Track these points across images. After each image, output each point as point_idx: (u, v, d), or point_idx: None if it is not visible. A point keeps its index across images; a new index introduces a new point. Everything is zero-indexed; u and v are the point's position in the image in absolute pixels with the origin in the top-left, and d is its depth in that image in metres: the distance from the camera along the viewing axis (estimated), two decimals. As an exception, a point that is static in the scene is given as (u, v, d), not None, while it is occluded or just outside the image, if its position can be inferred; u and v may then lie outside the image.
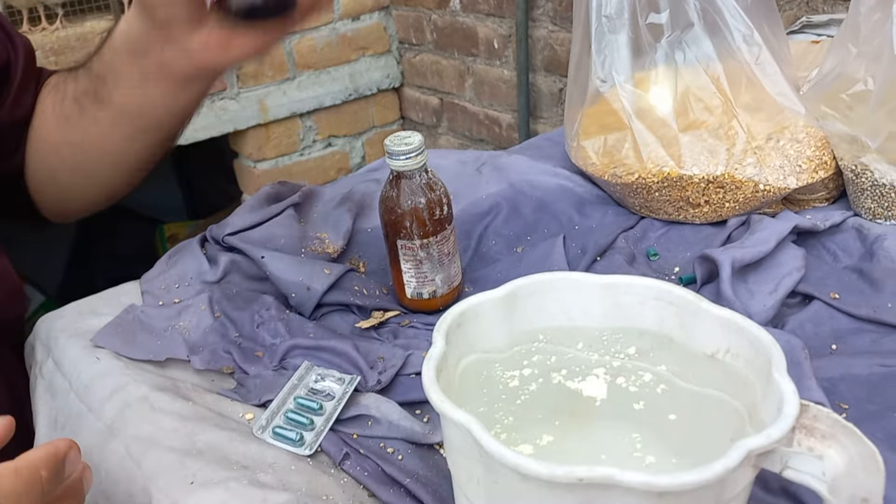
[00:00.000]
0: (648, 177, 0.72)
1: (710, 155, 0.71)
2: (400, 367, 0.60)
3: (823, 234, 0.69)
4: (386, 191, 0.65)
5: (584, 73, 0.80)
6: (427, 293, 0.67)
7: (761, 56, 0.73)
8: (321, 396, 0.57)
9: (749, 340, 0.42)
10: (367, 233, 0.77)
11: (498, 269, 0.70)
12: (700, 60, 0.74)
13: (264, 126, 2.14)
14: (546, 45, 1.95)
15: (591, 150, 0.78)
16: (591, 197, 0.80)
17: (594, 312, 0.48)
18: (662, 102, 0.74)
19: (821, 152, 0.71)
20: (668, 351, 0.46)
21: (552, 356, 0.47)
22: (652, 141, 0.73)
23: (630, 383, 0.46)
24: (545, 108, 2.02)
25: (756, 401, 0.41)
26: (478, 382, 0.45)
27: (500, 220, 0.77)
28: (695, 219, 0.73)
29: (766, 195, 0.70)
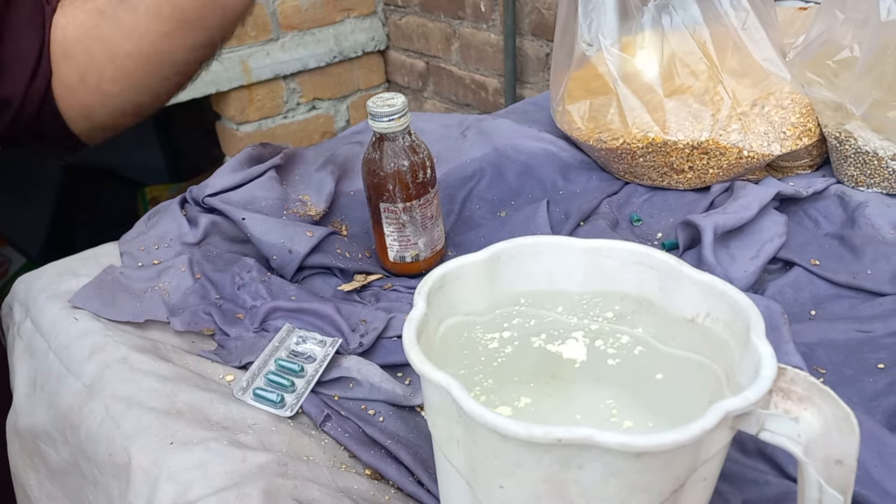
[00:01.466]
0: (633, 142, 0.72)
1: (695, 121, 0.71)
2: (382, 330, 0.60)
3: (806, 200, 0.69)
4: (368, 153, 0.64)
5: (570, 36, 0.80)
6: (410, 256, 0.67)
7: (748, 21, 0.73)
8: (302, 359, 0.57)
9: (728, 304, 0.42)
10: (349, 196, 0.76)
11: (481, 234, 0.70)
12: (687, 25, 0.73)
13: (247, 88, 2.11)
14: (533, 8, 1.93)
15: (576, 115, 0.78)
16: (575, 162, 0.79)
17: (575, 276, 0.48)
18: (648, 67, 0.74)
19: (805, 119, 0.70)
20: (648, 314, 0.46)
21: (532, 319, 0.47)
22: (637, 106, 0.73)
23: (608, 345, 0.46)
24: (532, 73, 2.00)
25: (734, 364, 0.41)
26: (458, 345, 0.45)
27: (484, 185, 0.76)
28: (678, 185, 0.73)
29: (750, 162, 0.70)
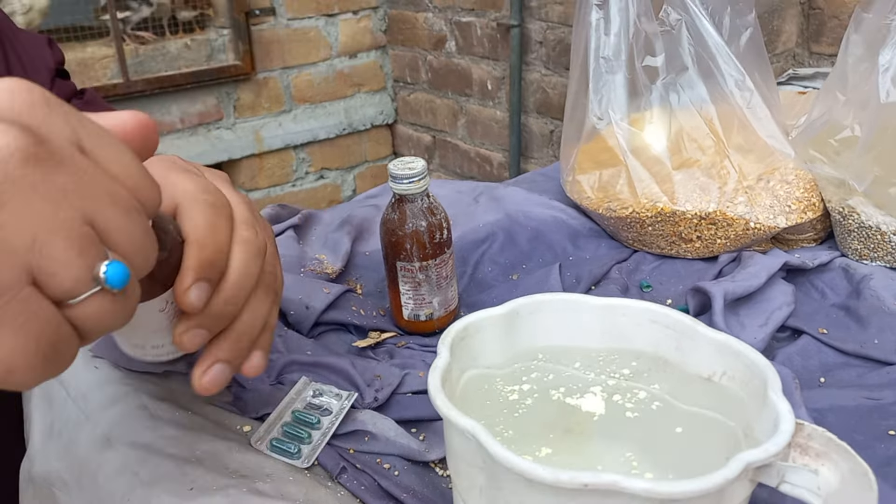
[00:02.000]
0: (642, 211, 0.74)
1: (703, 192, 0.73)
2: (396, 386, 0.60)
3: (812, 272, 0.71)
4: (388, 213, 0.66)
5: (580, 111, 0.83)
6: (424, 315, 0.68)
7: (752, 101, 0.76)
8: (318, 411, 0.57)
9: (744, 364, 0.43)
10: (364, 256, 0.78)
11: (494, 295, 0.71)
12: (694, 102, 0.76)
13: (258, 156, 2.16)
14: (538, 87, 1.99)
15: (586, 185, 0.80)
16: (584, 230, 0.82)
17: (592, 333, 0.49)
18: (657, 141, 0.77)
19: (809, 194, 0.73)
20: (664, 372, 0.47)
21: (550, 374, 0.48)
22: (646, 177, 0.75)
23: (626, 400, 0.47)
24: (536, 149, 2.05)
25: (751, 421, 0.42)
26: (479, 396, 0.46)
27: (496, 248, 0.78)
28: (687, 254, 0.75)
29: (756, 233, 0.72)
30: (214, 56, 2.16)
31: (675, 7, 0.75)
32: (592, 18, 0.78)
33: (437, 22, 2.22)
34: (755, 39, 0.78)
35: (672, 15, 0.75)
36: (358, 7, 2.34)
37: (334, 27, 2.32)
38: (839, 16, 1.32)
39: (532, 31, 1.96)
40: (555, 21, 1.89)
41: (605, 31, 0.78)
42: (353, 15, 2.34)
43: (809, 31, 1.36)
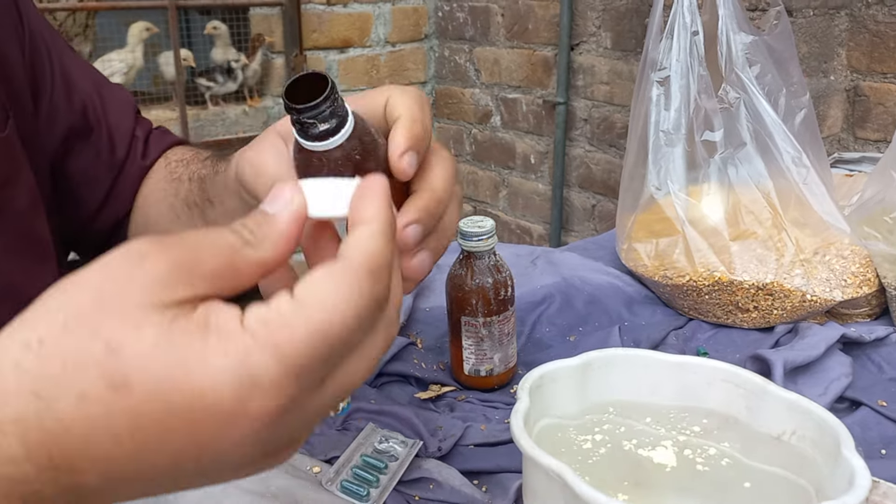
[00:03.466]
0: (699, 280, 0.76)
1: (760, 263, 0.75)
2: (459, 438, 0.62)
3: (868, 346, 0.72)
4: (455, 269, 0.69)
5: (638, 181, 0.86)
6: (484, 371, 0.70)
7: (808, 177, 0.78)
8: (385, 457, 0.59)
9: (816, 422, 0.45)
10: (425, 311, 0.80)
11: (552, 355, 0.73)
12: (751, 177, 0.79)
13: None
14: (582, 163, 2.03)
15: (642, 252, 0.82)
16: (639, 297, 0.83)
17: (663, 390, 0.50)
18: (714, 212, 0.79)
19: (865, 269, 0.74)
20: (734, 431, 0.49)
21: (622, 427, 0.50)
22: (704, 247, 0.77)
23: (696, 455, 0.48)
24: (577, 222, 2.08)
25: (822, 479, 0.43)
26: (552, 443, 0.48)
27: (554, 310, 0.80)
28: (743, 323, 0.76)
29: (812, 305, 0.73)
30: (270, 122, 2.25)
31: (734, 86, 0.79)
32: (653, 94, 0.82)
33: (484, 97, 2.29)
34: (809, 119, 0.81)
35: (731, 93, 0.79)
36: (407, 81, 2.43)
37: (384, 99, 2.39)
38: (884, 103, 1.35)
39: (577, 108, 2.01)
40: (600, 100, 1.95)
41: (665, 107, 0.81)
42: (403, 88, 2.42)
43: (855, 118, 1.39)
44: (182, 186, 0.65)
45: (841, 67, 1.38)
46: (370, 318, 0.31)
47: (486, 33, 2.22)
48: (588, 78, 1.96)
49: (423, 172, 0.43)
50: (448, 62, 2.40)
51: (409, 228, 0.40)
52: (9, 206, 0.57)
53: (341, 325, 0.30)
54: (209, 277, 0.30)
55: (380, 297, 0.31)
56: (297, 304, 0.29)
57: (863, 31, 1.35)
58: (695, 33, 0.79)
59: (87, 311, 0.29)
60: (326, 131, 0.38)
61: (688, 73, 0.80)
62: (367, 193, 0.33)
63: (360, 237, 0.32)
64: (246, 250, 0.31)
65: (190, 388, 0.28)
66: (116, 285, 0.29)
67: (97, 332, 0.28)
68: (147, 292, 0.29)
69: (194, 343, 0.28)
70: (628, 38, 1.83)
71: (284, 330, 0.29)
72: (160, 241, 0.30)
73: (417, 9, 2.41)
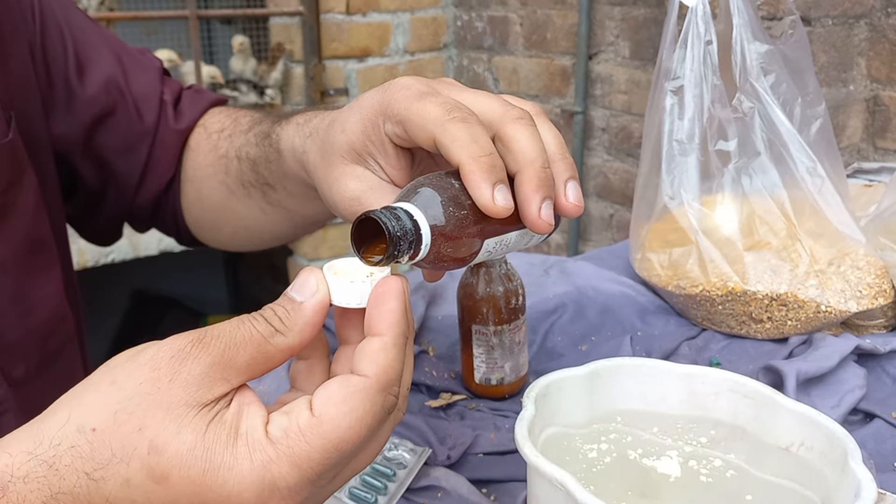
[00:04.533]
0: (713, 290, 0.76)
1: (774, 274, 0.74)
2: (468, 446, 0.62)
3: (883, 358, 0.71)
4: (466, 278, 0.69)
5: (651, 190, 0.86)
6: (495, 379, 0.70)
7: (823, 187, 0.78)
8: (394, 464, 0.59)
9: (824, 434, 0.44)
10: (437, 320, 0.81)
11: (563, 364, 0.73)
12: (765, 187, 0.79)
13: (322, 228, 2.22)
14: (600, 172, 2.03)
15: (656, 262, 0.82)
16: (652, 306, 0.83)
17: (670, 400, 0.50)
18: (728, 222, 0.79)
19: (880, 280, 0.74)
20: (741, 441, 0.48)
21: (628, 436, 0.50)
22: (717, 257, 0.77)
23: (701, 466, 0.48)
24: (595, 231, 2.08)
25: (830, 491, 0.43)
26: (558, 452, 0.48)
27: (566, 319, 0.80)
28: (757, 334, 0.76)
29: (827, 316, 0.73)
30: (288, 130, 2.26)
31: (748, 95, 0.78)
32: (667, 104, 0.82)
33: (502, 106, 2.29)
34: (825, 129, 0.80)
35: (745, 103, 0.78)
36: (426, 89, 2.44)
37: (402, 107, 2.41)
38: (905, 113, 1.33)
39: (595, 117, 2.01)
40: (618, 109, 1.95)
41: (679, 116, 0.81)
42: (421, 97, 2.44)
43: (875, 127, 1.38)
44: (231, 164, 0.66)
45: (861, 77, 1.37)
46: (380, 425, 0.36)
47: (505, 42, 2.23)
48: (606, 87, 1.96)
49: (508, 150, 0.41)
50: (467, 71, 2.41)
51: (542, 211, 0.40)
52: (14, 208, 0.58)
53: (354, 440, 0.35)
54: (244, 370, 0.35)
55: (390, 406, 0.36)
56: (315, 420, 0.34)
57: (882, 41, 1.34)
58: (708, 43, 0.79)
59: (135, 407, 0.33)
60: (410, 256, 0.38)
61: (701, 83, 0.80)
62: (382, 302, 0.37)
63: (373, 351, 0.36)
64: (276, 338, 0.36)
65: (219, 490, 0.33)
66: (161, 385, 0.34)
67: (143, 428, 0.33)
68: (188, 392, 0.34)
69: (225, 452, 0.33)
70: (646, 48, 1.83)
71: (302, 444, 0.34)
72: (200, 342, 0.35)
73: (436, 18, 2.42)
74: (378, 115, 0.45)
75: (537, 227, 0.41)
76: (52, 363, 0.62)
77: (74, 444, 0.33)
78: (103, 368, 0.35)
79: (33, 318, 0.59)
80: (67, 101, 0.66)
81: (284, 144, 0.57)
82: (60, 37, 0.66)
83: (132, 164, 0.70)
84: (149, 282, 3.05)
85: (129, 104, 0.69)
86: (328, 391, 0.35)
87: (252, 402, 0.36)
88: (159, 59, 0.73)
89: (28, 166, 0.60)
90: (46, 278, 0.61)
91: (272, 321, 0.37)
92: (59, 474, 0.33)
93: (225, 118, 0.70)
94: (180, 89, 0.72)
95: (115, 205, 0.72)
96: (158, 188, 0.71)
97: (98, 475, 0.33)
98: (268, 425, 0.35)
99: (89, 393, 0.35)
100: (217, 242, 0.75)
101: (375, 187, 0.46)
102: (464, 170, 0.40)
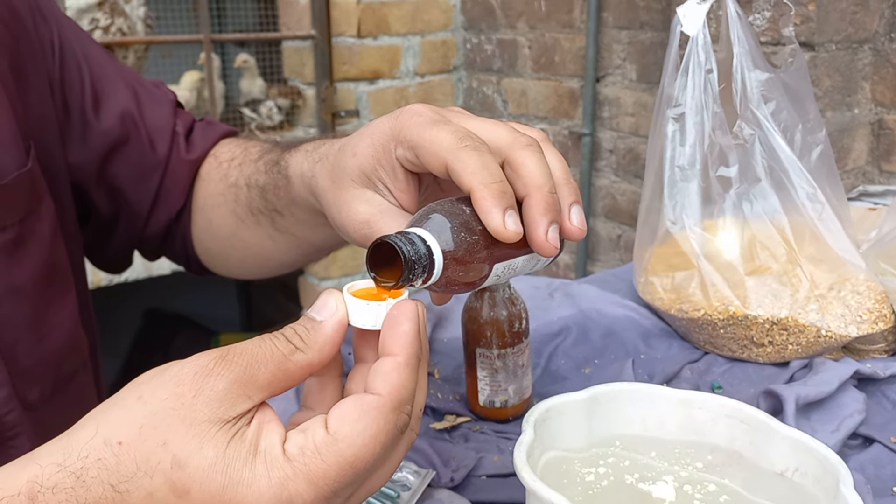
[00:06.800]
0: (714, 314, 0.77)
1: (775, 298, 0.75)
2: (472, 468, 0.63)
3: (883, 382, 0.72)
4: (470, 301, 0.71)
5: (654, 215, 0.87)
6: (499, 402, 0.71)
7: (824, 213, 0.79)
8: (398, 486, 0.60)
9: (818, 460, 0.45)
10: (443, 342, 0.82)
11: (566, 387, 0.74)
12: (766, 212, 0.80)
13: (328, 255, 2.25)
14: (607, 193, 2.04)
15: (659, 286, 0.83)
16: (656, 329, 0.84)
17: (668, 425, 0.51)
18: (729, 247, 0.80)
19: (881, 305, 0.74)
20: (737, 466, 0.49)
21: (626, 460, 0.51)
22: (719, 281, 0.78)
23: (696, 491, 0.49)
24: (603, 252, 2.09)
25: (823, 516, 0.44)
26: (556, 475, 0.49)
27: (570, 342, 0.81)
28: (758, 358, 0.77)
29: (827, 341, 0.73)
30: (300, 151, 2.29)
31: (749, 123, 0.80)
32: (669, 130, 0.83)
33: (511, 127, 2.31)
34: (826, 155, 0.81)
35: (746, 130, 0.80)
36: (435, 111, 2.47)
37: (412, 129, 2.44)
38: (910, 136, 1.34)
39: (603, 139, 2.03)
40: (625, 131, 1.96)
41: (681, 142, 0.82)
42: (431, 118, 2.46)
43: (880, 150, 1.39)
44: (241, 193, 0.67)
45: (865, 101, 1.38)
46: (393, 444, 0.37)
47: (514, 65, 2.25)
48: (613, 109, 1.98)
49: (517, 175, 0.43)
50: (476, 93, 2.43)
51: (549, 234, 0.42)
52: (32, 235, 0.60)
53: (369, 458, 0.36)
54: (265, 387, 0.37)
55: (403, 425, 0.38)
56: (330, 438, 0.35)
57: (886, 65, 1.35)
58: (709, 71, 0.81)
59: (160, 422, 0.35)
60: (423, 280, 0.40)
61: (702, 110, 0.81)
62: (397, 324, 0.38)
63: (387, 371, 0.37)
64: (296, 356, 0.38)
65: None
66: (185, 400, 0.35)
67: (167, 443, 0.35)
68: (210, 409, 0.35)
69: (244, 469, 0.35)
70: (653, 71, 1.85)
71: (318, 461, 0.35)
72: (223, 359, 0.36)
73: (446, 41, 2.45)
74: (390, 140, 0.46)
75: (544, 250, 0.43)
76: (66, 387, 0.64)
77: (101, 457, 0.35)
78: (131, 385, 0.37)
79: (49, 343, 0.61)
80: (83, 132, 0.68)
81: (293, 171, 0.59)
82: (78, 70, 0.68)
83: (143, 194, 0.72)
84: (162, 301, 3.07)
85: (142, 136, 0.71)
86: (343, 410, 0.36)
87: (271, 421, 0.37)
88: (173, 91, 0.75)
89: (46, 194, 0.62)
90: (62, 304, 0.63)
91: (293, 339, 0.38)
92: (85, 486, 0.34)
93: (235, 148, 0.71)
94: (192, 121, 0.74)
95: (125, 233, 0.74)
96: (169, 217, 0.73)
97: (123, 487, 0.34)
98: (285, 443, 0.36)
99: (116, 408, 0.36)
100: (226, 270, 0.77)
101: (385, 211, 0.48)
102: (475, 196, 0.41)
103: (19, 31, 0.63)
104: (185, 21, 2.43)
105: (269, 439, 0.36)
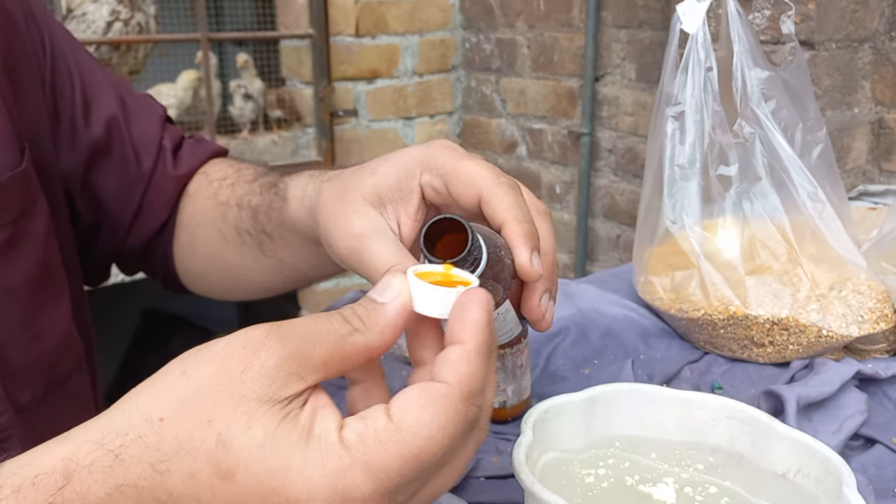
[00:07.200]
0: (714, 314, 0.76)
1: (775, 298, 0.75)
2: (470, 469, 0.62)
3: (884, 382, 0.71)
4: (469, 302, 0.70)
5: (654, 214, 0.86)
6: (497, 402, 0.70)
7: (824, 212, 0.78)
8: (396, 487, 0.60)
9: (819, 461, 0.45)
10: (441, 343, 0.81)
11: (566, 387, 0.73)
12: (766, 211, 0.79)
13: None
14: (606, 193, 2.04)
15: (658, 286, 0.83)
16: (655, 330, 0.83)
17: (668, 425, 0.51)
18: (729, 246, 0.79)
19: (882, 305, 0.74)
20: (738, 468, 0.49)
21: (626, 461, 0.50)
22: (719, 281, 0.78)
23: (696, 493, 0.49)
24: (602, 252, 2.08)
25: (826, 518, 0.43)
26: (556, 477, 0.48)
27: (569, 343, 0.81)
28: (759, 358, 0.76)
29: (828, 341, 0.73)
30: (298, 152, 2.29)
31: (749, 121, 0.79)
32: (668, 129, 0.83)
33: (510, 128, 2.31)
34: (826, 154, 0.81)
35: (746, 128, 0.79)
36: (434, 111, 2.46)
37: (411, 129, 2.44)
38: (910, 135, 1.34)
39: (602, 139, 2.02)
40: (624, 131, 1.96)
41: (681, 141, 0.82)
42: (430, 119, 2.46)
43: (880, 150, 1.38)
44: (230, 212, 0.66)
45: (865, 100, 1.38)
46: (463, 439, 0.34)
47: (513, 64, 2.25)
48: (613, 109, 1.97)
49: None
50: (475, 92, 2.43)
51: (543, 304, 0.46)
52: (26, 236, 0.59)
53: (436, 451, 0.32)
54: (320, 367, 0.33)
55: (473, 419, 0.34)
56: (393, 426, 0.32)
57: (886, 64, 1.34)
58: (709, 69, 0.80)
59: (204, 397, 0.32)
60: (473, 268, 0.40)
61: (702, 109, 0.81)
62: (466, 311, 0.35)
63: (456, 359, 0.34)
64: (355, 337, 0.34)
65: (287, 493, 0.31)
66: (232, 376, 0.32)
67: (212, 421, 0.32)
68: (260, 386, 0.32)
69: (295, 453, 0.31)
70: (652, 70, 1.85)
71: (379, 450, 0.31)
72: (276, 333, 0.33)
73: (445, 40, 2.45)
74: (417, 164, 0.47)
75: (529, 276, 0.44)
76: (59, 389, 0.63)
77: (141, 434, 0.32)
78: (174, 361, 0.34)
79: (41, 344, 0.60)
80: (71, 138, 0.67)
81: (292, 192, 0.58)
82: (69, 75, 0.67)
83: (125, 207, 0.71)
84: (159, 301, 3.07)
85: (126, 146, 0.69)
86: (407, 397, 0.33)
87: (326, 406, 0.34)
88: (162, 105, 0.74)
89: (40, 195, 0.62)
90: (56, 305, 0.62)
91: (351, 320, 0.35)
92: (124, 464, 0.32)
93: (227, 168, 0.71)
94: (181, 137, 0.74)
95: (105, 245, 0.73)
96: (151, 231, 0.72)
97: (163, 467, 0.32)
98: (342, 430, 0.33)
99: (159, 383, 0.34)
100: (204, 290, 0.76)
101: (382, 230, 0.47)
102: (507, 229, 0.43)
103: (13, 32, 0.62)
104: (182, 20, 2.43)
105: (325, 424, 0.32)
